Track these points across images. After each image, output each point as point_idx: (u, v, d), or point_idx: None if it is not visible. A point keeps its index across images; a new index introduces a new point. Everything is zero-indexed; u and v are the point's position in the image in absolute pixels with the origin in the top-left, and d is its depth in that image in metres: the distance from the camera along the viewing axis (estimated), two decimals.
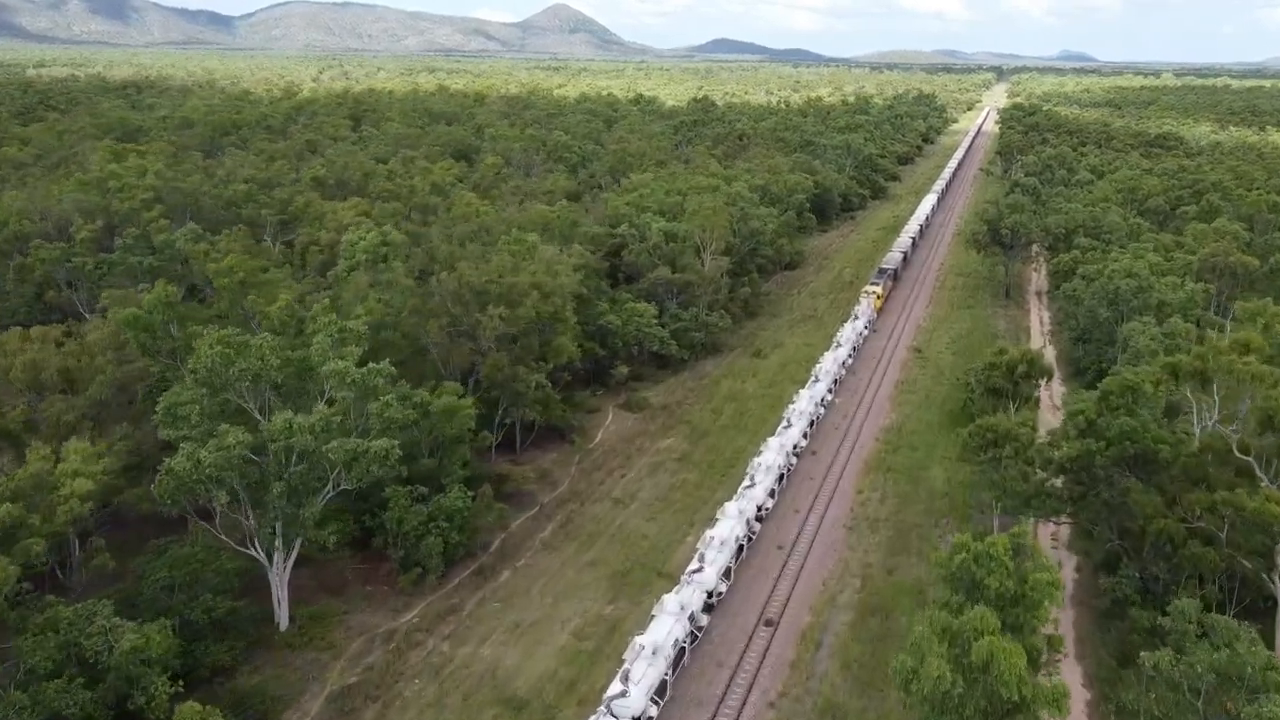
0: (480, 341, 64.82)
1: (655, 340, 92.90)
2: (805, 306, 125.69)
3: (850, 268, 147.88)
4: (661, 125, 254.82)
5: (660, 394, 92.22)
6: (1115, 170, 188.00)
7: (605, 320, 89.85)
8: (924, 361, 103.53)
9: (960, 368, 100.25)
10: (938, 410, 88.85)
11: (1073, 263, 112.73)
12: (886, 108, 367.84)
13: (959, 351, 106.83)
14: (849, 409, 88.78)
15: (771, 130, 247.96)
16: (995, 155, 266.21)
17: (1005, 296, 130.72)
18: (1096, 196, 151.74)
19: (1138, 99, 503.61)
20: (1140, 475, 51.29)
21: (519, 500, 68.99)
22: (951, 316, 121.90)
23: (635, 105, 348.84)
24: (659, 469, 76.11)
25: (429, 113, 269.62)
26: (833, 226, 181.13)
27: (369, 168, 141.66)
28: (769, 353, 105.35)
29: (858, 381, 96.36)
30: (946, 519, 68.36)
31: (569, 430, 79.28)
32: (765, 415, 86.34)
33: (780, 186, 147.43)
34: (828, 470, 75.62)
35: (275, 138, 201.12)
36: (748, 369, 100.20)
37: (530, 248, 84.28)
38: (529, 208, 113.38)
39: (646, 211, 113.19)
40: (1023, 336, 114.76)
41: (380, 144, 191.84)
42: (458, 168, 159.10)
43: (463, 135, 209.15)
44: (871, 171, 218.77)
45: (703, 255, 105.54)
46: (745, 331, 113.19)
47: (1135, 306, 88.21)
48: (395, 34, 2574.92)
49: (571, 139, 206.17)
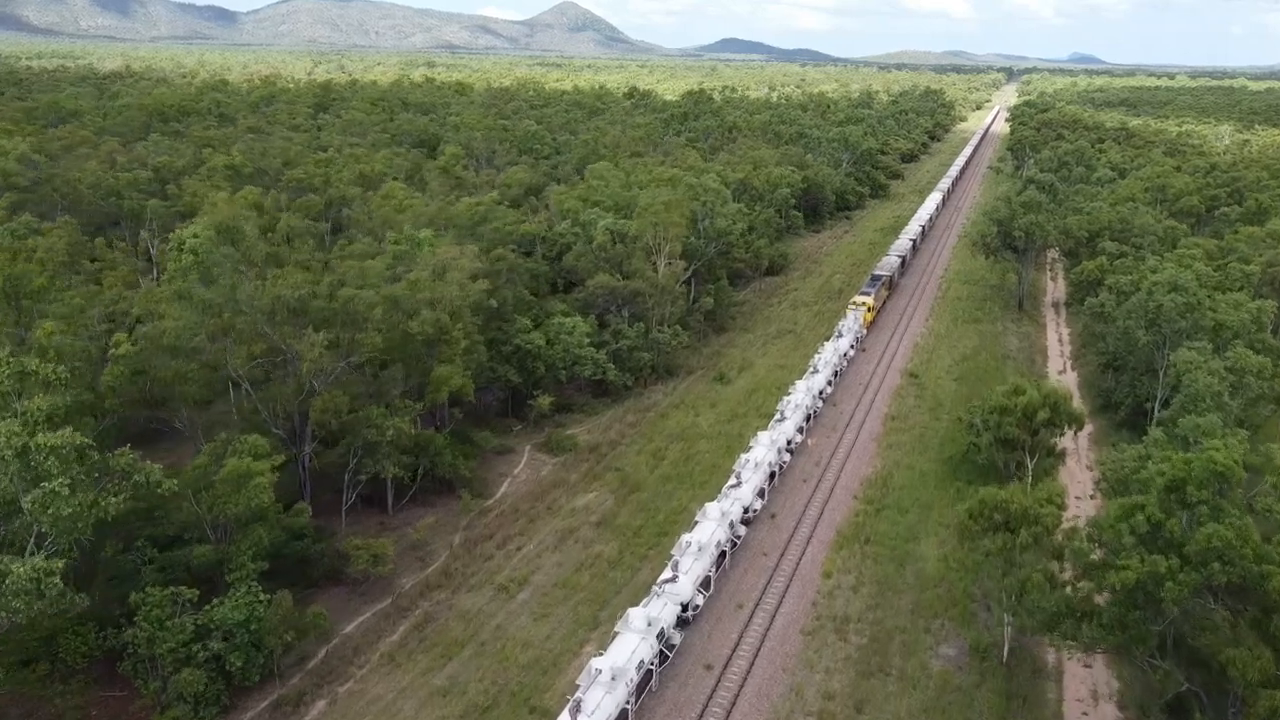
0: (303, 376, 47.49)
1: (587, 364, 75.53)
2: (784, 319, 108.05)
3: (841, 273, 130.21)
4: (651, 118, 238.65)
5: (592, 430, 74.80)
6: (1140, 167, 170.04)
7: (523, 340, 72.46)
8: (920, 389, 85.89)
9: (964, 398, 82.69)
10: (934, 456, 71.24)
11: (1099, 271, 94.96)
12: (891, 103, 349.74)
13: (963, 377, 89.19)
14: (824, 453, 71.23)
15: (766, 124, 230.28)
16: (1006, 152, 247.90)
17: (1018, 309, 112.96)
18: (1121, 195, 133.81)
19: (1153, 99, 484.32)
20: (1233, 606, 33.83)
21: (367, 589, 51.67)
22: (955, 332, 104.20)
23: (629, 99, 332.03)
24: (569, 538, 58.63)
25: (403, 103, 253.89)
26: (826, 227, 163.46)
27: (291, 155, 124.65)
28: (734, 377, 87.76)
29: (838, 416, 78.79)
30: (940, 620, 50.77)
31: (459, 483, 61.86)
32: (718, 461, 68.88)
33: (762, 181, 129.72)
34: (788, 542, 58.09)
35: (222, 124, 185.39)
36: (705, 398, 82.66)
37: (421, 246, 66.98)
38: (456, 200, 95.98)
39: (596, 207, 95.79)
40: (1038, 358, 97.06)
41: (331, 132, 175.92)
42: (407, 156, 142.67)
43: (425, 124, 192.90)
44: (871, 168, 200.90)
45: (656, 259, 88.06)
46: (709, 350, 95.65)
47: (1183, 329, 70.52)
48: (402, 30, 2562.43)
49: (544, 129, 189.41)
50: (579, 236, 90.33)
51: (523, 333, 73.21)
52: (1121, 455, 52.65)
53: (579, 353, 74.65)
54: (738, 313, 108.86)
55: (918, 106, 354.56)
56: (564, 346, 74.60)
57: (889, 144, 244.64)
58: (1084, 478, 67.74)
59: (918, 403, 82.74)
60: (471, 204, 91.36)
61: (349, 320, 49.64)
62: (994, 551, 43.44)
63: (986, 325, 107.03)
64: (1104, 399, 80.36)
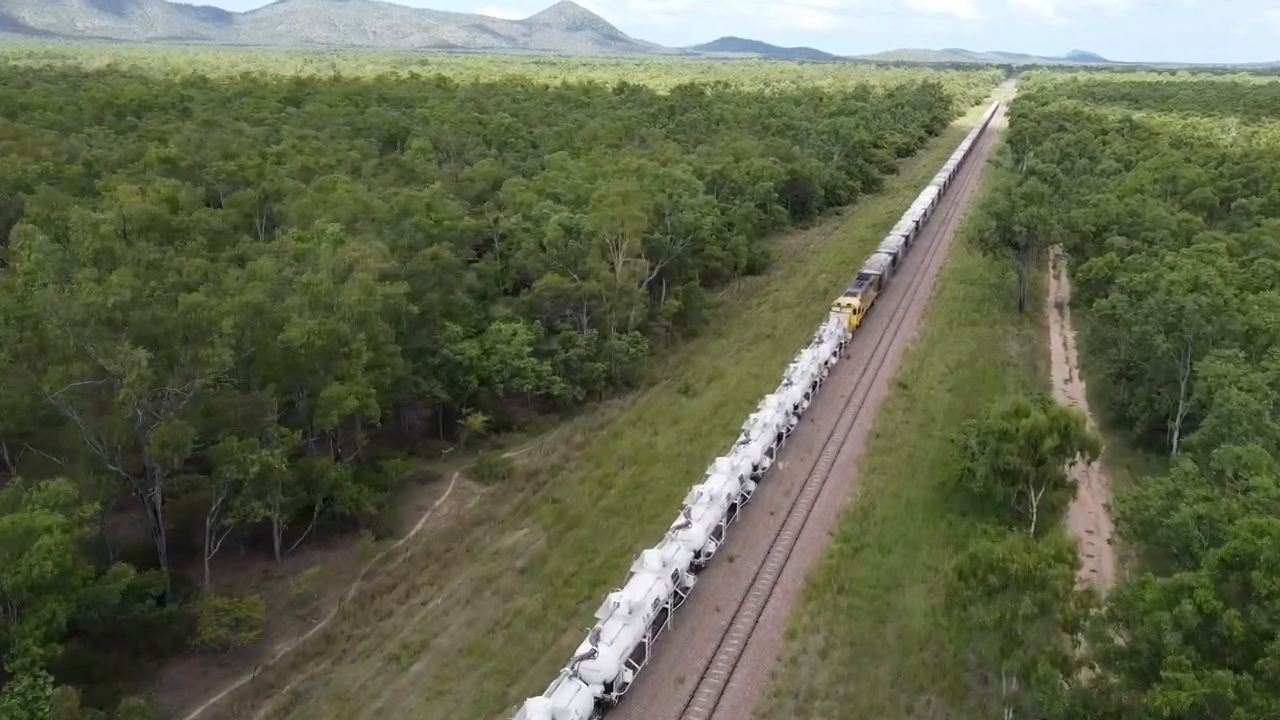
0: (124, 402, 38.02)
1: (528, 377, 66.26)
2: (763, 323, 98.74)
3: (828, 273, 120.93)
4: (639, 112, 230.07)
5: (532, 453, 65.52)
6: (1147, 158, 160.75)
7: (451, 350, 63.21)
8: (910, 402, 76.61)
9: (958, 411, 73.52)
10: (924, 482, 61.98)
11: (1108, 269, 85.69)
12: (887, 96, 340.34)
13: (958, 387, 79.93)
14: (796, 479, 61.94)
15: (755, 117, 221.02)
16: (1005, 144, 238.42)
17: (1019, 310, 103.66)
18: (1129, 187, 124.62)
19: (1155, 94, 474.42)
20: None
21: (228, 660, 42.41)
22: (949, 336, 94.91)
23: (618, 94, 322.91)
24: (487, 588, 49.39)
25: (381, 97, 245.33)
26: (814, 223, 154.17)
27: (235, 149, 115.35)
28: (701, 389, 78.49)
29: (815, 434, 69.50)
30: (927, 696, 41.49)
31: (364, 522, 52.64)
32: (672, 489, 59.61)
33: (742, 173, 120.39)
34: (746, 593, 48.86)
35: (182, 119, 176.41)
36: (667, 413, 73.41)
37: (326, 243, 57.80)
38: (400, 191, 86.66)
39: (552, 200, 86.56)
40: (1041, 365, 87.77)
41: (293, 125, 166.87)
42: (362, 150, 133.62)
43: (395, 118, 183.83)
44: (864, 161, 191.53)
45: (613, 257, 78.80)
46: (676, 358, 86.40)
47: (1209, 334, 61.29)
48: (400, 30, 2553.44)
49: (519, 122, 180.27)
50: (530, 233, 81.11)
51: (452, 342, 63.95)
52: (1145, 492, 43.40)
53: (517, 364, 65.35)
54: (712, 315, 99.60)
55: (914, 100, 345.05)
56: (501, 357, 65.34)
57: (884, 138, 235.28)
58: (1095, 508, 58.49)
59: (906, 417, 73.45)
60: (400, 197, 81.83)
61: (192, 333, 40.38)
62: (990, 625, 34.21)
63: (984, 328, 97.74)
64: (1116, 413, 71.11)
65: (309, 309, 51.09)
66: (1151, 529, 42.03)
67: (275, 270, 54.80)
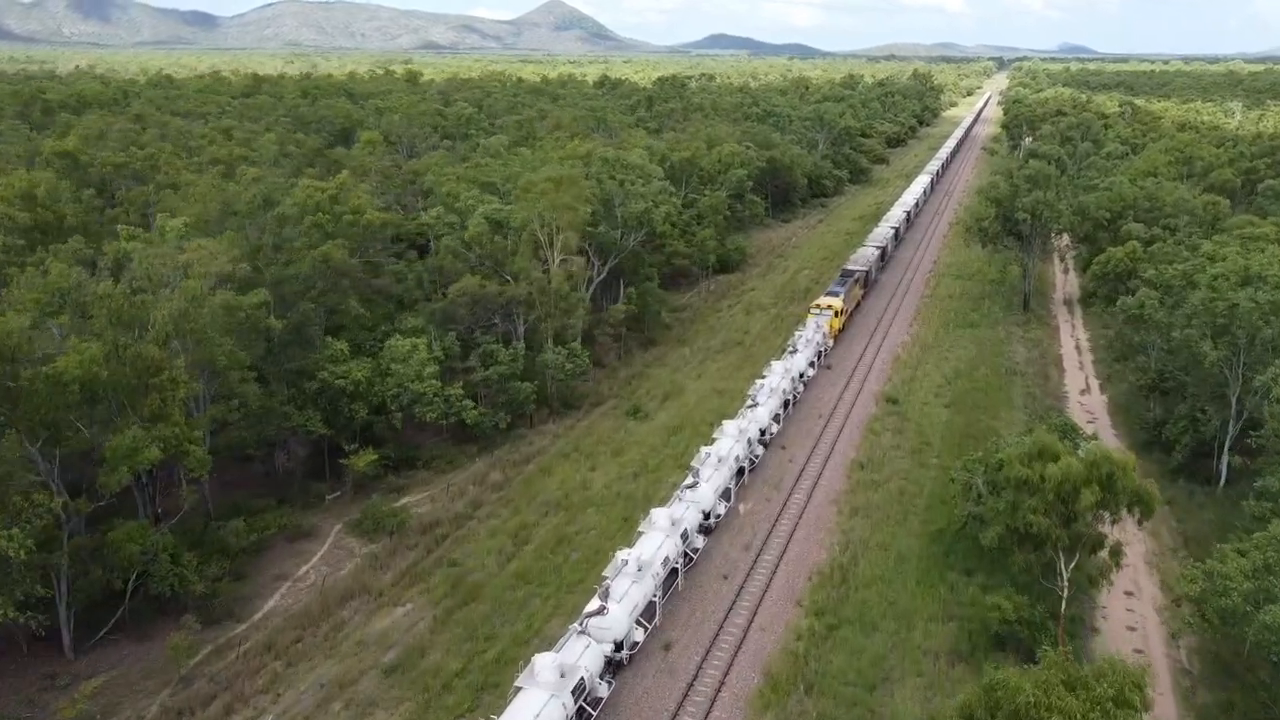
0: None
1: (431, 403, 54.09)
2: (733, 327, 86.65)
3: (810, 269, 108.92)
4: (618, 103, 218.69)
5: (436, 497, 53.36)
6: (1155, 141, 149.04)
7: (331, 374, 51.07)
8: (901, 421, 64.55)
9: (958, 433, 61.67)
10: (918, 528, 49.92)
11: (1129, 261, 73.76)
12: (876, 85, 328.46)
13: (957, 402, 67.93)
14: (758, 530, 49.79)
15: (736, 106, 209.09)
16: (1001, 129, 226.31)
17: (1023, 309, 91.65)
18: (1141, 169, 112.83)
19: (1150, 82, 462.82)
20: None
21: None
22: (946, 340, 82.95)
23: (599, 87, 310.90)
24: (339, 696, 37.17)
25: (347, 93, 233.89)
26: (796, 215, 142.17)
27: (143, 141, 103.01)
28: (654, 409, 66.38)
29: (785, 467, 57.37)
30: None
31: (192, 604, 40.45)
32: (602, 544, 47.57)
33: (712, 161, 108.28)
34: (682, 702, 36.65)
35: (114, 114, 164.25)
36: (610, 441, 61.25)
37: (169, 240, 45.62)
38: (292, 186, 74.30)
39: (480, 189, 74.42)
40: (1053, 373, 75.75)
41: (232, 118, 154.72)
42: (299, 140, 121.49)
43: (350, 109, 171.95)
44: (851, 150, 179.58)
45: (548, 254, 66.61)
46: (629, 371, 74.30)
47: (1269, 339, 49.32)
48: (388, 32, 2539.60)
49: (479, 113, 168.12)
50: (454, 228, 68.98)
51: (334, 363, 51.78)
52: (1222, 567, 31.36)
53: (416, 388, 53.15)
54: (675, 320, 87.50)
55: (905, 90, 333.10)
56: (397, 379, 53.18)
57: (873, 127, 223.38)
58: (1132, 557, 46.33)
59: (897, 441, 61.37)
60: (262, 186, 69.21)
61: None
62: None
63: (985, 330, 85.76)
64: (1149, 433, 59.10)
65: (110, 327, 38.86)
66: (1233, 620, 30.04)
67: (70, 282, 42.57)
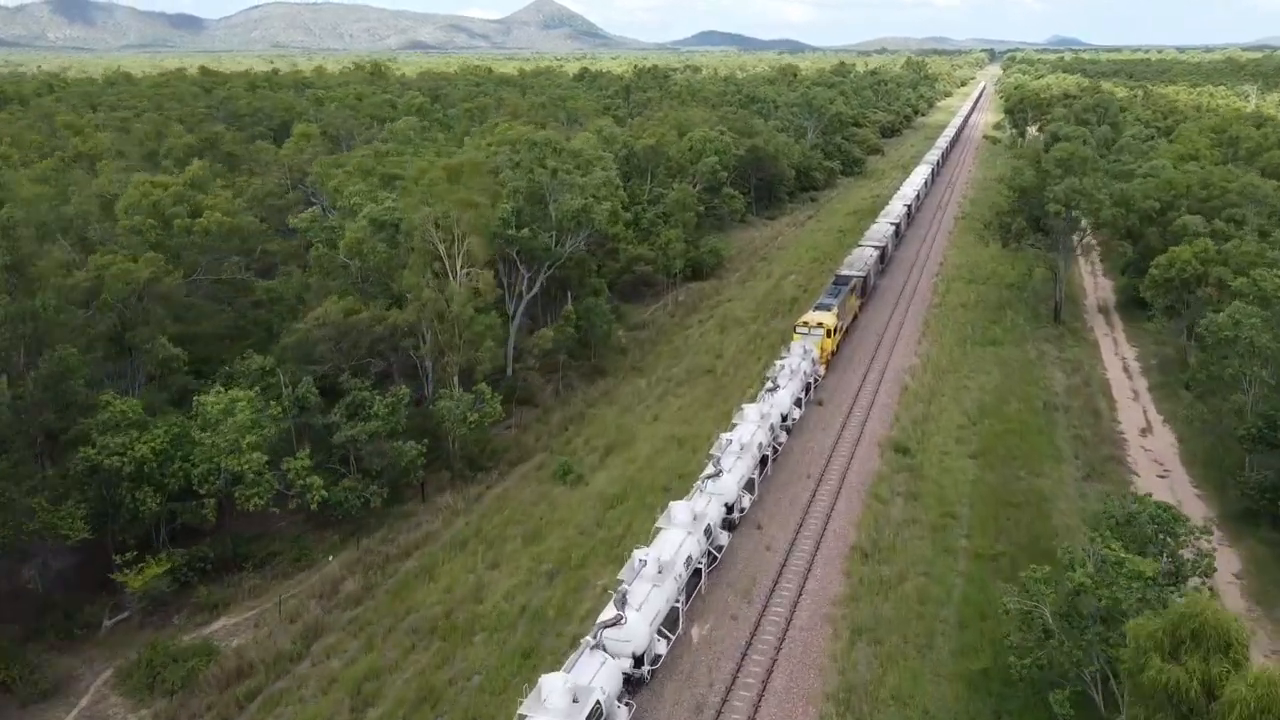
0: None
1: (255, 486, 38.24)
2: (705, 348, 70.96)
3: (797, 273, 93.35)
4: (597, 94, 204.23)
5: (261, 621, 37.54)
6: (1182, 122, 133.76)
7: (104, 447, 35.32)
8: (914, 481, 48.91)
9: (991, 496, 46.41)
10: (947, 664, 34.28)
11: (1198, 264, 58.14)
12: (869, 73, 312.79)
13: (986, 451, 52.33)
14: (711, 672, 34.11)
15: (719, 94, 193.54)
16: (1004, 114, 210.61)
17: (1054, 320, 76.14)
18: (1178, 152, 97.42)
19: (1149, 69, 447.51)
20: None
21: None
22: (963, 362, 67.39)
23: (579, 80, 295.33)
24: None
25: (305, 86, 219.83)
26: (784, 211, 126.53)
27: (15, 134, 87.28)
28: (592, 469, 50.61)
29: (759, 561, 41.66)
30: None
31: None
32: (482, 703, 31.83)
33: (681, 149, 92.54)
34: None
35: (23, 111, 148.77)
36: (526, 519, 45.48)
37: None
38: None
39: (373, 181, 58.53)
40: (1101, 403, 60.13)
41: (153, 112, 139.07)
42: (208, 134, 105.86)
43: (287, 101, 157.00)
44: (844, 139, 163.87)
45: (448, 266, 50.76)
46: (569, 411, 58.51)
47: None
48: (377, 33, 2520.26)
49: (427, 102, 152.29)
50: (331, 233, 53.17)
51: (111, 431, 36.02)
52: None
53: (233, 464, 37.33)
54: (633, 341, 71.83)
55: (899, 77, 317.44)
56: (205, 454, 37.41)
57: (866, 115, 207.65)
58: None
59: (911, 512, 45.74)
60: (165, 181, 53.90)
61: None
62: None
63: (1011, 348, 70.24)
64: (1251, 499, 43.54)
65: None
66: None
67: None
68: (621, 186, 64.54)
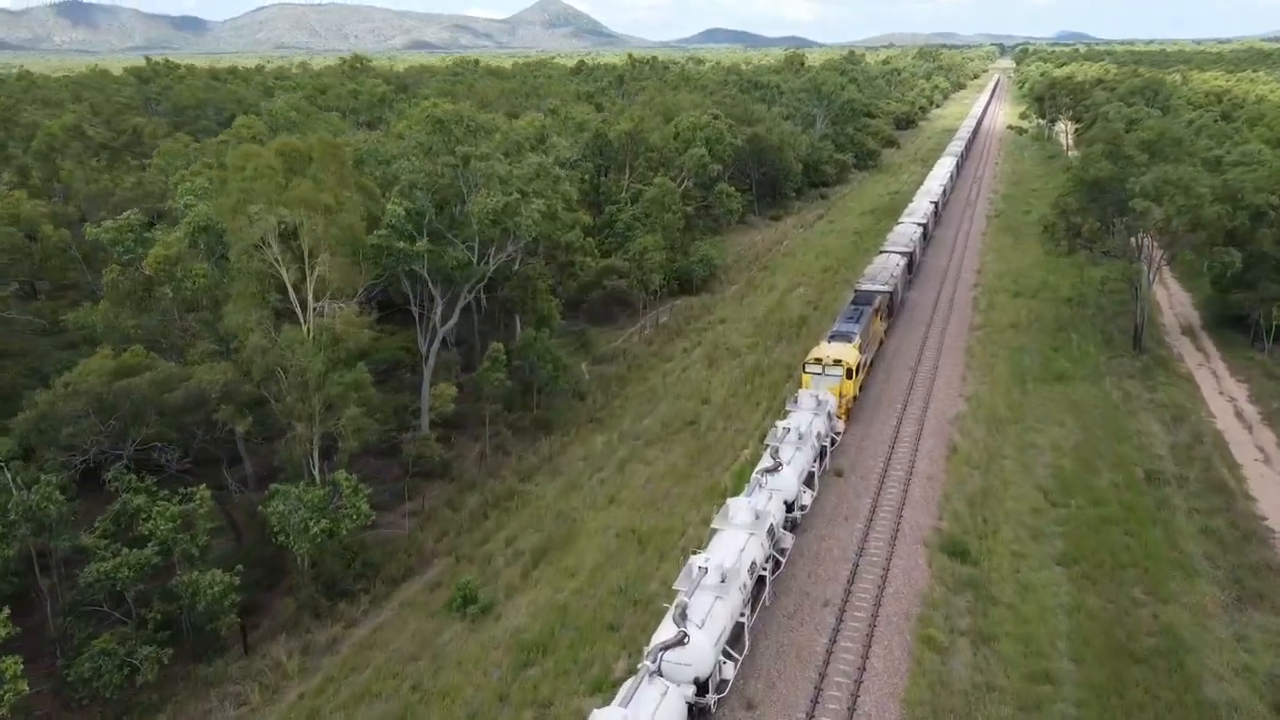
0: None
1: None
2: (687, 389, 55.04)
3: (807, 285, 77.50)
4: (591, 86, 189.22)
5: None
6: (1236, 107, 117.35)
7: None
8: (982, 609, 32.97)
9: (1100, 640, 30.42)
10: None
11: None
12: (882, 63, 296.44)
13: (1075, 553, 36.31)
14: None
15: (720, 83, 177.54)
16: (1031, 102, 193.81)
17: (1134, 347, 59.94)
18: (1263, 136, 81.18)
19: (1169, 59, 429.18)
20: None
21: None
22: (1026, 406, 51.37)
23: (576, 73, 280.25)
24: None
25: (278, 81, 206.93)
26: (790, 210, 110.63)
27: None
28: (509, 591, 34.81)
29: None
30: None
31: None
32: None
33: (665, 137, 76.69)
34: None
35: None
36: (395, 694, 29.74)
37: None
38: None
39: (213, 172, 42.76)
40: (1222, 468, 43.98)
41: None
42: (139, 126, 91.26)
43: (238, 93, 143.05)
44: (856, 131, 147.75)
45: (294, 295, 35.04)
46: (491, 491, 42.72)
47: None
48: (381, 33, 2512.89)
49: (391, 93, 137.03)
50: (137, 246, 37.46)
51: None
52: None
53: None
54: (597, 379, 55.98)
55: (913, 66, 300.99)
56: None
57: (879, 106, 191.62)
58: None
59: (982, 669, 29.87)
60: None
61: None
62: None
63: (1085, 385, 54.15)
64: None
65: None
66: None
67: None
68: (563, 179, 48.58)
